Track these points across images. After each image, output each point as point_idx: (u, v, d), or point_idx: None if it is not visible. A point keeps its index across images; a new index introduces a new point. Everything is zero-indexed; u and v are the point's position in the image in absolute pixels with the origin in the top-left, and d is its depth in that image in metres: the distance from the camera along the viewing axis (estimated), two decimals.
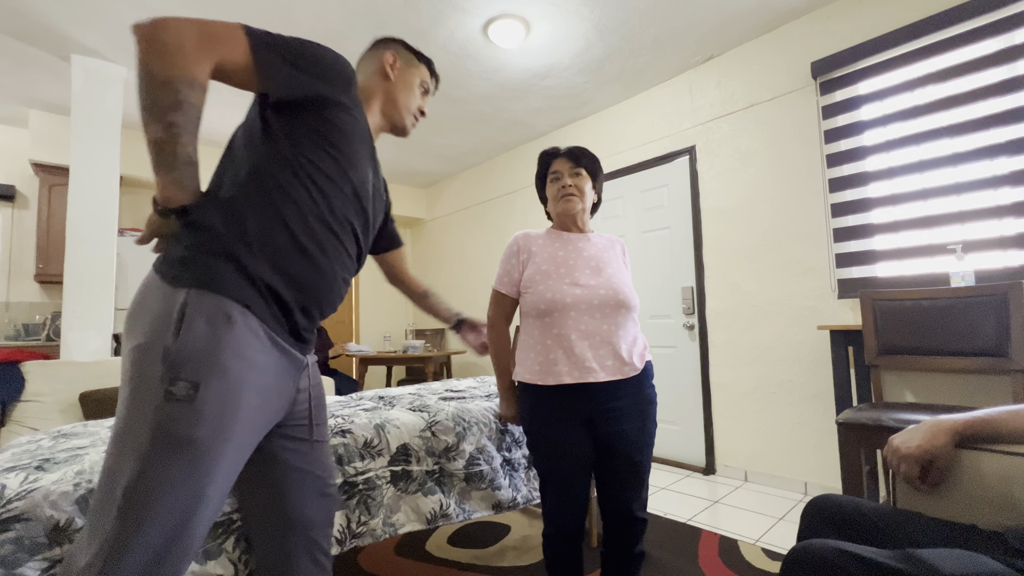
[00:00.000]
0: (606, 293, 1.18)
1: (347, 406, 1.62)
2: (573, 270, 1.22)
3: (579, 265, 1.24)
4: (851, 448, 1.63)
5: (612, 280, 1.20)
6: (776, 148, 2.63)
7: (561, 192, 1.30)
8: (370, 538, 1.24)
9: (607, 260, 1.26)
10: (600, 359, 1.15)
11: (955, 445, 0.88)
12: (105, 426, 1.43)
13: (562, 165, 1.31)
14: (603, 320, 1.17)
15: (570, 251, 1.27)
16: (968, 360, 1.70)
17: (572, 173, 1.29)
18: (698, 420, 2.92)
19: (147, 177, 3.80)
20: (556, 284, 1.20)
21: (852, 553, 0.67)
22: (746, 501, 2.38)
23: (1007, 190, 1.94)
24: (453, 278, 5.13)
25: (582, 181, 1.29)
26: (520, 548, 1.87)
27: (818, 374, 2.42)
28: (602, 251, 1.29)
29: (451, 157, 4.56)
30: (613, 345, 1.17)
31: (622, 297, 1.18)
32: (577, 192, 1.28)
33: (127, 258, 3.56)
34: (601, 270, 1.23)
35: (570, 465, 1.17)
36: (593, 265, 1.24)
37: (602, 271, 1.23)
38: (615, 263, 1.27)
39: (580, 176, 1.29)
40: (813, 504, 0.93)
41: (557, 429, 1.17)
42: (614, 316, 1.18)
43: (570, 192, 1.28)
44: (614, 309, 1.18)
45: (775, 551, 1.81)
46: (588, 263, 1.24)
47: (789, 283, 2.56)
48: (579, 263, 1.24)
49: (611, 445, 1.17)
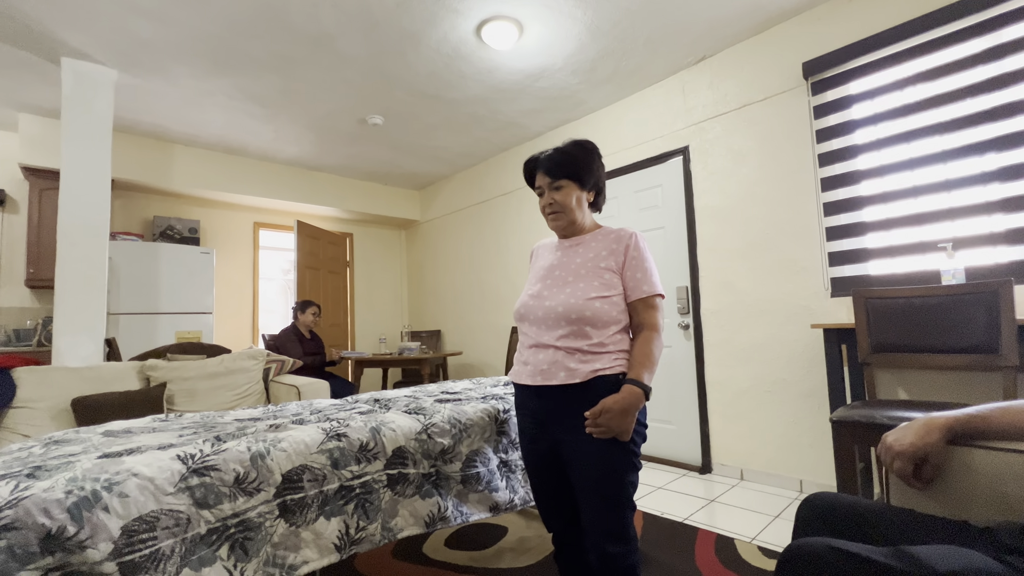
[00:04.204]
0: (551, 306, 1.19)
1: (343, 409, 1.61)
2: (544, 280, 1.26)
3: (552, 276, 1.25)
4: (845, 446, 1.64)
5: (571, 297, 1.18)
6: (769, 148, 2.65)
7: (545, 211, 1.29)
8: (369, 544, 1.23)
9: (582, 272, 1.22)
10: (548, 366, 1.17)
11: (947, 442, 0.89)
12: (97, 432, 1.41)
13: (543, 180, 1.28)
14: (547, 331, 1.19)
15: (556, 263, 1.28)
16: (959, 357, 1.71)
17: (552, 188, 1.26)
18: (694, 419, 2.93)
19: (139, 180, 3.78)
20: (525, 294, 1.29)
21: (845, 550, 0.67)
22: (742, 499, 2.39)
23: (996, 186, 1.96)
24: (449, 281, 5.12)
25: (565, 194, 1.25)
26: (517, 550, 1.87)
27: (812, 372, 2.43)
28: (588, 260, 1.24)
29: (445, 159, 4.55)
30: (557, 355, 1.16)
31: (571, 314, 1.16)
32: (560, 208, 1.26)
33: (119, 262, 3.53)
34: (566, 283, 1.21)
35: (534, 461, 1.26)
36: (557, 275, 1.24)
37: (566, 285, 1.21)
38: (590, 275, 1.21)
39: (561, 190, 1.25)
40: (807, 502, 0.93)
41: (522, 424, 1.29)
42: (559, 328, 1.17)
43: (553, 210, 1.27)
44: (559, 321, 1.17)
45: (771, 549, 1.82)
46: (562, 276, 1.23)
47: (783, 282, 2.57)
48: (552, 274, 1.25)
49: (561, 453, 1.18)
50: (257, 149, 4.14)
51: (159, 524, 0.95)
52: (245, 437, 1.19)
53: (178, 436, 1.27)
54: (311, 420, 1.41)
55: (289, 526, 1.13)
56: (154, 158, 3.83)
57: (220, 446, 1.11)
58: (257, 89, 3.12)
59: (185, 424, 1.48)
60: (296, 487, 1.15)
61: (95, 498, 0.89)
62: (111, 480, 0.93)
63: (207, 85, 3.04)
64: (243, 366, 2.86)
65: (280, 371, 3.10)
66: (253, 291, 4.81)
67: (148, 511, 0.94)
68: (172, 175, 3.91)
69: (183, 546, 0.98)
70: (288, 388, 2.83)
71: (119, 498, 0.92)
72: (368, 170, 4.79)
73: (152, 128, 3.64)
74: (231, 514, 1.05)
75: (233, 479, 1.07)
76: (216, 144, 4.00)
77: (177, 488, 0.99)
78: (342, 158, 4.43)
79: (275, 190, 4.48)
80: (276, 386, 2.93)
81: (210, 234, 4.55)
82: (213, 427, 1.38)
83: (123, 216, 4.05)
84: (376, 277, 5.66)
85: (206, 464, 1.05)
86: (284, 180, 4.54)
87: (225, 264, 4.60)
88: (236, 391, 2.76)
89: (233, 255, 4.69)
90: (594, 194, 1.31)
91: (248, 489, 1.08)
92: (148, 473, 0.98)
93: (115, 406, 2.27)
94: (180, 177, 3.96)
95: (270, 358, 3.07)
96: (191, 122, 3.57)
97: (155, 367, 2.61)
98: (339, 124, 3.70)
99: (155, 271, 3.74)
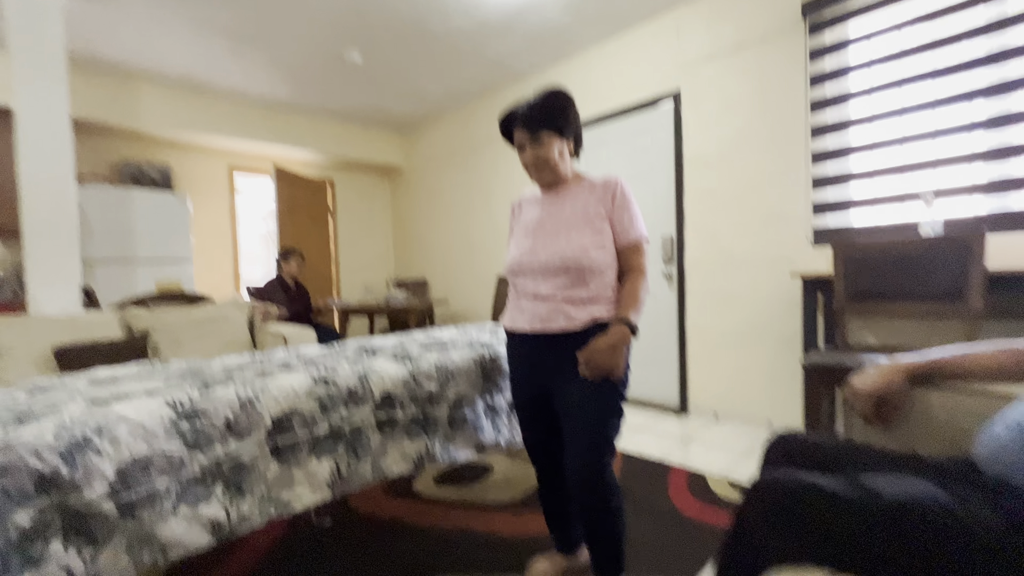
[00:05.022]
0: (547, 258, 1.21)
1: (330, 356, 1.62)
2: (535, 234, 1.26)
3: (543, 229, 1.26)
4: (814, 388, 1.73)
5: (567, 247, 1.19)
6: (762, 93, 2.58)
7: (529, 167, 1.27)
8: (361, 482, 1.29)
9: (574, 222, 1.22)
10: (546, 314, 1.20)
11: (909, 384, 0.94)
12: (82, 379, 1.41)
13: (522, 136, 1.25)
14: (544, 281, 1.21)
15: (544, 216, 1.28)
16: (928, 305, 1.78)
17: (532, 143, 1.23)
18: (673, 364, 3.04)
19: (103, 119, 3.55)
20: (515, 248, 1.30)
21: (806, 481, 0.72)
22: (715, 439, 2.53)
23: (982, 134, 1.97)
24: (435, 230, 5.05)
25: (547, 148, 1.23)
26: (503, 486, 1.98)
27: (788, 320, 2.51)
28: (577, 210, 1.24)
29: (429, 100, 4.35)
30: (557, 304, 1.20)
31: (569, 264, 1.18)
32: (542, 163, 1.24)
33: (90, 209, 3.39)
34: (559, 234, 1.22)
35: (525, 405, 1.32)
36: (548, 228, 1.25)
37: (559, 235, 1.22)
38: (582, 224, 1.22)
39: (543, 144, 1.23)
40: (775, 439, 0.99)
41: (515, 369, 1.35)
42: (557, 278, 1.20)
43: (535, 165, 1.25)
44: (557, 272, 1.20)
45: (740, 483, 1.95)
46: (553, 227, 1.24)
47: (766, 231, 2.60)
48: (543, 227, 1.26)
49: (551, 398, 1.24)
50: (227, 87, 3.89)
51: (153, 466, 0.97)
52: (233, 383, 1.20)
53: (165, 383, 1.28)
54: (298, 367, 1.42)
55: (282, 466, 1.17)
56: (117, 95, 3.59)
57: (208, 392, 1.12)
58: (220, 20, 2.89)
59: (172, 371, 1.48)
60: (286, 431, 1.18)
61: (86, 442, 0.91)
62: (101, 425, 0.95)
63: (163, 13, 2.81)
64: (228, 315, 2.85)
65: (266, 319, 3.09)
66: (232, 239, 4.69)
67: (141, 454, 0.96)
68: (138, 113, 3.68)
69: (179, 486, 1.01)
70: (274, 336, 2.84)
71: (111, 442, 0.93)
72: (347, 111, 4.57)
73: (113, 63, 3.39)
74: (224, 456, 1.08)
75: (223, 423, 1.09)
76: (182, 81, 3.75)
77: (168, 432, 1.01)
78: (319, 97, 4.21)
79: (248, 131, 4.26)
80: (262, 335, 2.94)
81: (183, 179, 4.36)
82: (200, 374, 1.39)
83: (90, 160, 3.83)
84: (360, 226, 5.55)
85: (195, 409, 1.07)
86: (258, 121, 4.32)
87: (202, 211, 4.45)
88: (222, 339, 2.76)
89: (209, 201, 4.53)
90: (573, 142, 1.30)
91: (239, 432, 1.11)
92: (138, 418, 0.99)
93: (99, 354, 2.25)
94: (147, 116, 3.73)
95: (255, 307, 3.05)
96: (152, 55, 3.32)
97: (137, 316, 2.58)
98: (313, 60, 3.48)
99: (129, 218, 3.61)
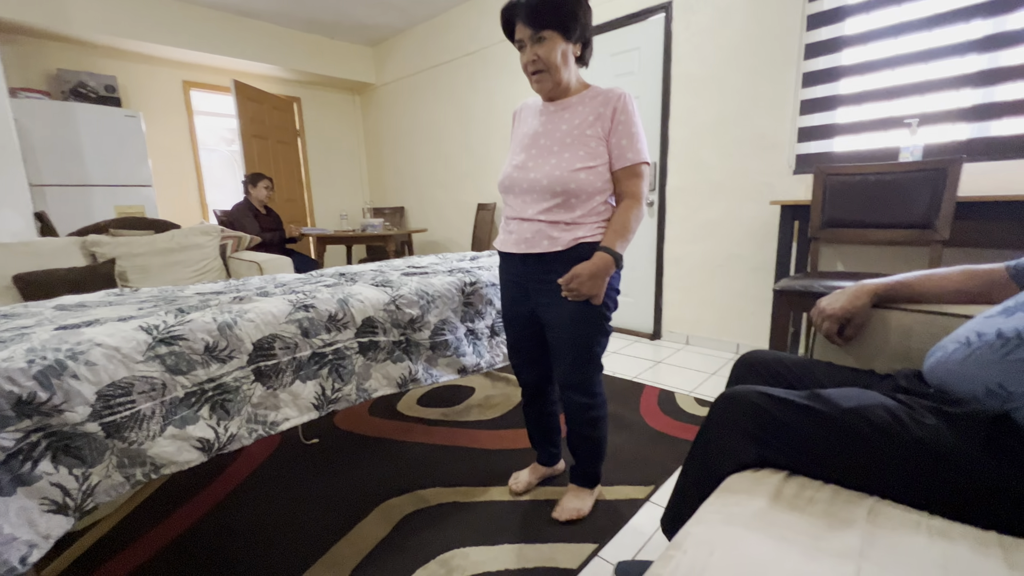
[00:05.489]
0: (536, 177, 1.17)
1: (308, 283, 1.60)
2: (529, 149, 1.21)
3: (536, 144, 1.20)
4: (782, 312, 1.81)
5: (556, 168, 1.15)
6: (757, 5, 2.43)
7: (527, 69, 1.17)
8: (345, 403, 1.33)
9: (569, 140, 1.17)
10: (531, 236, 1.19)
11: (873, 306, 0.99)
12: (48, 306, 1.37)
13: (523, 32, 1.13)
14: (531, 204, 1.19)
15: (540, 129, 1.21)
16: (898, 232, 1.83)
17: (535, 40, 1.12)
18: (649, 292, 3.11)
19: (26, 20, 3.14)
20: (509, 165, 1.25)
21: (769, 393, 0.77)
22: (685, 361, 2.67)
23: (974, 57, 1.92)
24: (410, 154, 4.83)
25: (549, 49, 1.12)
26: (484, 406, 2.07)
27: (764, 248, 2.57)
28: (574, 126, 1.17)
29: (400, 6, 3.97)
30: (540, 227, 1.18)
31: (556, 187, 1.15)
32: (544, 66, 1.14)
33: (27, 125, 3.10)
34: (551, 152, 1.17)
35: (515, 322, 1.35)
36: (543, 144, 1.19)
37: (551, 153, 1.17)
38: (576, 143, 1.16)
39: (544, 42, 1.12)
40: (742, 359, 1.04)
41: (505, 288, 1.36)
42: (543, 201, 1.17)
43: (536, 69, 1.15)
44: (543, 193, 1.17)
45: (706, 400, 2.09)
46: (548, 143, 1.19)
47: (749, 158, 2.57)
48: (537, 142, 1.21)
49: (539, 316, 1.27)
50: None
51: (135, 389, 0.97)
52: (210, 309, 1.18)
53: (138, 309, 1.25)
54: (276, 293, 1.40)
55: (267, 389, 1.19)
56: None
57: (184, 317, 1.10)
58: None
59: (144, 298, 1.45)
60: (268, 355, 1.19)
61: (60, 367, 0.89)
62: (74, 350, 0.93)
63: None
64: (197, 242, 2.74)
65: (238, 247, 3.00)
66: (194, 161, 4.41)
67: (120, 377, 0.96)
68: (69, 15, 3.27)
69: (163, 408, 1.02)
70: (248, 264, 2.77)
71: (87, 366, 0.92)
72: (310, 18, 4.15)
73: None
74: (206, 379, 1.09)
75: (203, 348, 1.08)
76: None
77: (146, 357, 1.00)
78: (280, 3, 3.79)
79: (201, 41, 3.86)
80: (236, 263, 2.86)
81: (132, 94, 3.98)
82: (174, 300, 1.36)
83: (17, 68, 3.44)
84: (331, 148, 5.26)
85: (172, 334, 1.05)
86: (211, 29, 3.89)
87: (157, 130, 4.12)
88: (193, 267, 2.68)
89: (163, 119, 4.18)
90: (580, 46, 1.19)
91: (220, 357, 1.11)
92: (112, 343, 0.97)
93: (63, 282, 2.18)
94: (80, 18, 3.31)
95: (225, 234, 2.94)
96: None
97: (99, 243, 2.46)
98: None
99: (75, 136, 3.32)
